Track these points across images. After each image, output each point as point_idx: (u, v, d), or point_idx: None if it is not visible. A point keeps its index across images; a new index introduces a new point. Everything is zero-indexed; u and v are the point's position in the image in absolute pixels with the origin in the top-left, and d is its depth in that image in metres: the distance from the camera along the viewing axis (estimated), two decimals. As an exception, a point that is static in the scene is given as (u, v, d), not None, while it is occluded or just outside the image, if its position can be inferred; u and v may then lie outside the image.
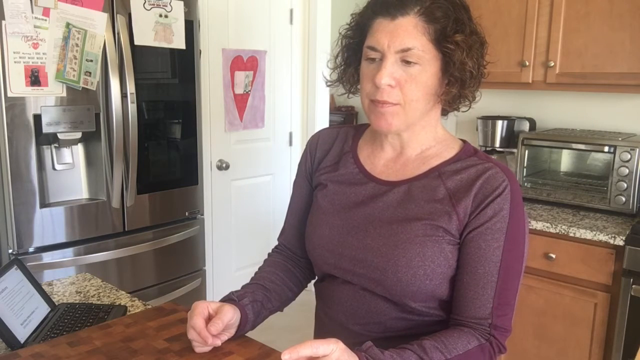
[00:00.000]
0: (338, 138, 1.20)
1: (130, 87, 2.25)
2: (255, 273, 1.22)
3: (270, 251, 1.30)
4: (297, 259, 1.25)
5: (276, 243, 1.30)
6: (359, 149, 1.16)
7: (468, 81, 1.01)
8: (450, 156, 1.07)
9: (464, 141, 1.11)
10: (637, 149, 2.16)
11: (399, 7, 0.98)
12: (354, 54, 1.09)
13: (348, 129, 1.21)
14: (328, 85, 1.17)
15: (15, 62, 1.97)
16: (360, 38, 1.06)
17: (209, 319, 1.00)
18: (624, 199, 2.21)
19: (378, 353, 0.90)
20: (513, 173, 1.04)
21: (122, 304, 1.34)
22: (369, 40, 1.01)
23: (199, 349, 1.00)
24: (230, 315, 1.01)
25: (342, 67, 1.12)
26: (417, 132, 1.07)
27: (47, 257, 2.15)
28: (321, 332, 1.18)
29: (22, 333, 1.12)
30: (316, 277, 1.22)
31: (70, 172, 2.26)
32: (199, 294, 2.74)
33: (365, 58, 1.03)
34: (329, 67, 1.16)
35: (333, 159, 1.17)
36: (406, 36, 0.97)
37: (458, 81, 1.01)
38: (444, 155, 1.07)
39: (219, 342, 1.00)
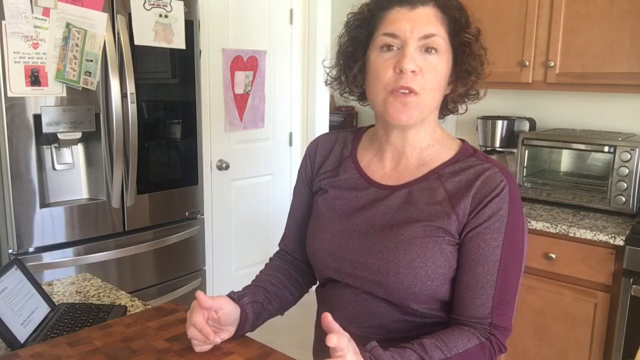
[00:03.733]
0: (337, 143, 1.19)
1: (130, 87, 2.25)
2: (256, 276, 1.21)
3: (271, 256, 1.30)
4: (298, 264, 1.25)
5: (276, 243, 1.30)
6: (359, 153, 1.15)
7: (481, 72, 1.05)
8: (449, 157, 1.07)
9: (462, 141, 1.11)
10: (637, 149, 2.16)
11: None
12: (360, 50, 1.06)
13: (346, 133, 1.21)
14: (334, 87, 1.14)
15: (15, 62, 1.97)
16: (368, 32, 1.04)
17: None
18: (624, 199, 2.21)
19: (381, 353, 0.90)
20: (511, 173, 1.04)
21: (122, 304, 1.34)
22: (387, 28, 1.00)
23: (199, 348, 1.00)
24: (228, 304, 1.01)
25: (341, 64, 1.10)
26: (420, 129, 1.07)
27: (47, 257, 2.15)
28: (322, 337, 1.17)
29: (22, 333, 1.12)
30: (317, 283, 1.22)
31: (70, 172, 2.26)
32: (199, 294, 2.73)
33: (379, 47, 1.01)
34: (324, 65, 1.15)
35: (332, 164, 1.17)
36: (428, 23, 0.99)
37: (474, 71, 1.03)
38: (443, 157, 1.07)
39: (218, 340, 1.01)
